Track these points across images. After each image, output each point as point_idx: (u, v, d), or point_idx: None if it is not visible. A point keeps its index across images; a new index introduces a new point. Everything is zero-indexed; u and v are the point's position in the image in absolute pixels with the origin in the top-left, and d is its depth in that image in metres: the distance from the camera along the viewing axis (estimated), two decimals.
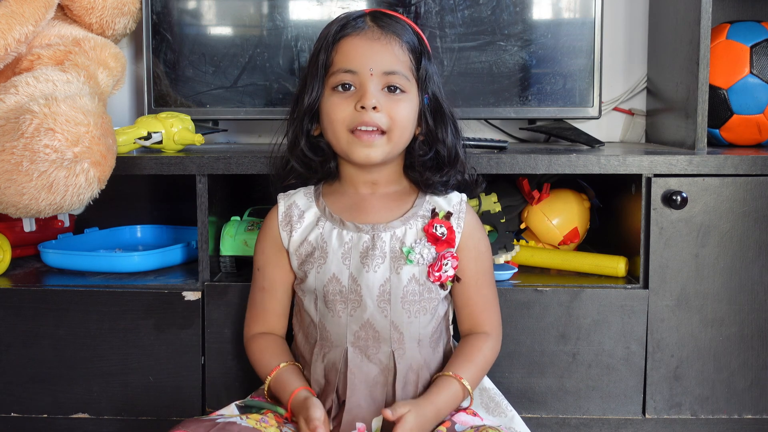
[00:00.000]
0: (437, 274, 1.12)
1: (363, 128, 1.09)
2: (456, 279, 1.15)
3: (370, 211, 1.14)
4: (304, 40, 1.59)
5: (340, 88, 1.10)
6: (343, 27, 1.12)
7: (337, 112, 1.10)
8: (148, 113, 1.59)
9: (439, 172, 1.16)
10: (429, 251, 1.12)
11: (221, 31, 1.63)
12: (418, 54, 1.13)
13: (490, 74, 1.59)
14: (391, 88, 1.10)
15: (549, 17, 1.60)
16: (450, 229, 1.14)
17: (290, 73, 1.60)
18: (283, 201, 1.18)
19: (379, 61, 1.09)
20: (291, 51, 1.59)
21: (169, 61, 1.61)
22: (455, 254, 1.14)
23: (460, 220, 1.15)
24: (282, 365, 1.14)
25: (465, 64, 1.58)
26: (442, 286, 1.14)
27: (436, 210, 1.15)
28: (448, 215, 1.14)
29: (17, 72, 1.42)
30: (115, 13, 1.59)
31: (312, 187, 1.19)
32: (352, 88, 1.10)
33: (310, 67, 1.14)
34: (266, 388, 1.14)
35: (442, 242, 1.13)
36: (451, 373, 1.10)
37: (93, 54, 1.47)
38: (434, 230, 1.12)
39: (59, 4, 1.53)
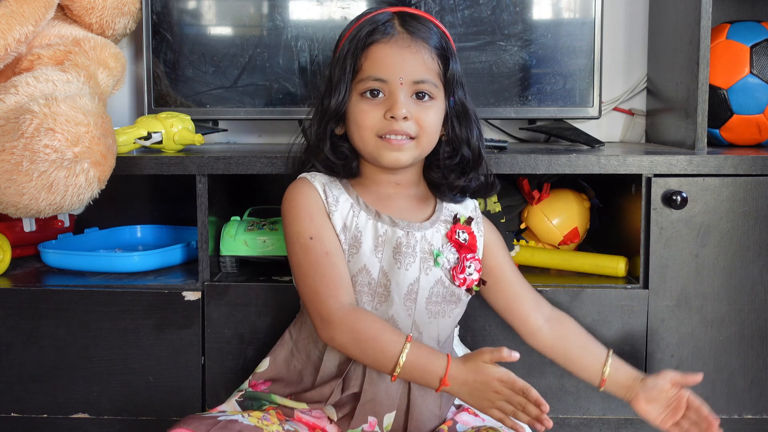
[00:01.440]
0: (461, 276, 1.12)
1: (393, 137, 1.09)
2: (482, 282, 1.15)
3: (396, 208, 1.14)
4: (304, 40, 1.59)
5: (368, 94, 1.09)
6: (372, 32, 1.10)
7: (366, 119, 1.09)
8: (148, 113, 1.59)
9: (463, 175, 1.16)
10: (453, 256, 1.13)
11: (221, 31, 1.63)
12: (446, 57, 1.12)
13: (490, 74, 1.59)
14: (420, 95, 1.10)
15: (549, 17, 1.60)
16: (471, 234, 1.15)
17: (290, 73, 1.60)
18: (316, 179, 1.13)
19: (408, 70, 1.09)
20: (291, 51, 1.59)
21: (169, 61, 1.61)
22: (477, 257, 1.15)
23: (479, 224, 1.18)
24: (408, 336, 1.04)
25: (465, 64, 1.58)
26: (469, 290, 1.14)
27: (457, 216, 1.16)
28: (470, 220, 1.16)
29: (17, 72, 1.42)
30: (115, 13, 1.59)
31: (334, 178, 1.16)
32: (381, 94, 1.09)
33: (336, 69, 1.12)
34: (400, 364, 1.02)
35: (464, 247, 1.14)
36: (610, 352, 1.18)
37: (93, 54, 1.47)
38: (457, 236, 1.13)
39: (59, 4, 1.53)
